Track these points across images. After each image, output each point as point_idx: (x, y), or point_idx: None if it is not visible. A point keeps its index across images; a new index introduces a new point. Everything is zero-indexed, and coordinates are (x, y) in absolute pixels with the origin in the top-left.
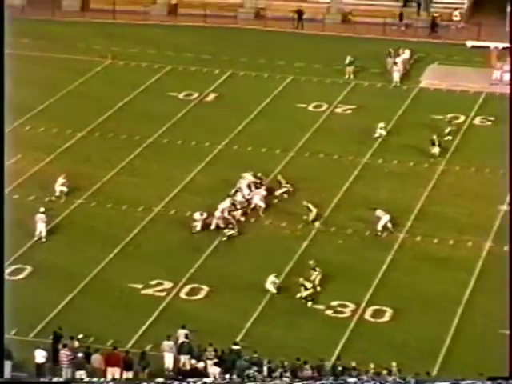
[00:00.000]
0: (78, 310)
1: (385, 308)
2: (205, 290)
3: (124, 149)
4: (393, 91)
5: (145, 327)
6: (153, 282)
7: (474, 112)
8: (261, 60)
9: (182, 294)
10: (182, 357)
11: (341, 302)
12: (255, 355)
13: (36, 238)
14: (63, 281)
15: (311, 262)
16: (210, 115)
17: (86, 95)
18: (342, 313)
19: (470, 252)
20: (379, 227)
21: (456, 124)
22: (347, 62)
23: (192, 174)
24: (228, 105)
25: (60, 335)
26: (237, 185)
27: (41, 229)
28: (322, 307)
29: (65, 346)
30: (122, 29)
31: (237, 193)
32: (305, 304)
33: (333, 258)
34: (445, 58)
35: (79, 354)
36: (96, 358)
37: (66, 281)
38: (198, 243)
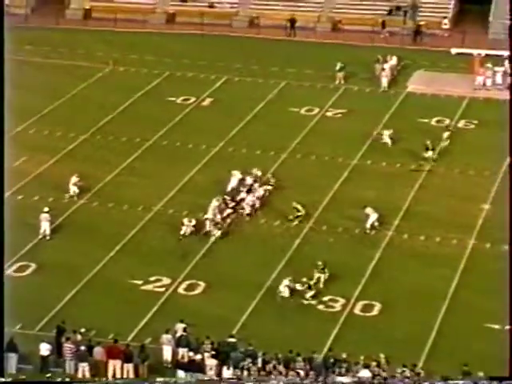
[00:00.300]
0: (81, 305)
1: (374, 303)
2: (202, 285)
3: (124, 151)
4: (381, 96)
5: (144, 321)
6: (152, 278)
7: (458, 116)
8: (255, 66)
9: (180, 290)
10: (180, 349)
11: (332, 297)
12: (250, 347)
13: (40, 237)
14: (66, 277)
15: (319, 262)
16: (206, 119)
17: (88, 100)
18: (333, 307)
19: (455, 249)
20: (368, 225)
21: (453, 129)
22: (337, 68)
23: (189, 174)
24: (223, 109)
25: (63, 329)
26: (230, 182)
27: (45, 227)
28: (313, 302)
29: (68, 339)
30: (122, 36)
31: (235, 191)
32: (301, 301)
33: (324, 256)
34: (430, 65)
35: (82, 347)
36: (98, 350)
37: (69, 277)
38: (195, 242)
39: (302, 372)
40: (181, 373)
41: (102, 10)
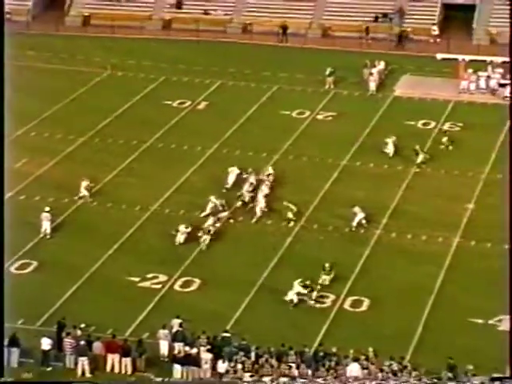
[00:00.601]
0: (81, 301)
1: (363, 298)
2: (197, 282)
3: (122, 153)
4: (369, 99)
5: (142, 317)
6: (149, 276)
7: (443, 118)
8: (248, 71)
9: (176, 287)
10: (176, 344)
11: (322, 293)
12: (244, 342)
13: (41, 235)
14: (66, 274)
15: (327, 264)
16: (201, 122)
17: (87, 103)
18: (324, 303)
19: (441, 247)
20: (354, 223)
21: (451, 133)
22: (327, 73)
23: (185, 175)
24: (218, 112)
25: (63, 324)
26: (229, 178)
27: (46, 227)
28: (304, 298)
29: (68, 334)
30: (120, 42)
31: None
32: (308, 303)
33: (315, 253)
34: (417, 69)
35: (81, 342)
36: (97, 345)
37: (69, 274)
38: (190, 240)
39: (293, 365)
40: (177, 366)
41: (100, 17)
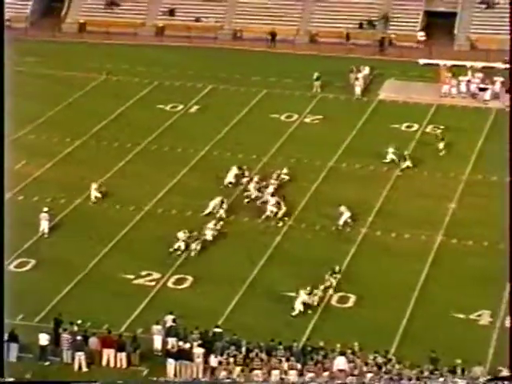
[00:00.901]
0: (77, 298)
1: (349, 295)
2: (189, 280)
3: (117, 155)
4: (355, 103)
5: (136, 313)
6: (143, 273)
7: (426, 121)
8: (238, 76)
9: (170, 284)
10: (169, 339)
11: (310, 290)
12: (235, 337)
13: (39, 234)
14: (63, 272)
15: (337, 267)
16: (193, 125)
17: (83, 107)
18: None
19: (424, 245)
20: (341, 222)
21: (444, 138)
22: (314, 78)
23: (178, 177)
24: (209, 115)
25: (60, 320)
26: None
27: (44, 226)
28: (293, 294)
29: (65, 330)
30: (115, 48)
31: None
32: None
33: (303, 251)
34: (400, 74)
35: (78, 337)
36: (93, 340)
37: (66, 272)
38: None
39: (283, 359)
40: (170, 361)
41: (95, 24)
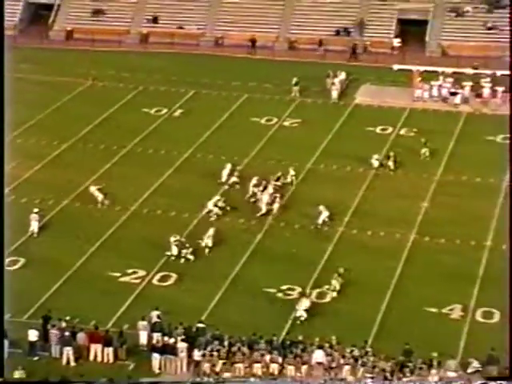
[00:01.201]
0: (65, 295)
1: (327, 290)
2: (173, 277)
3: (103, 157)
4: (332, 107)
5: (122, 309)
6: (129, 271)
7: (400, 124)
8: (220, 81)
9: (154, 281)
10: (154, 334)
11: (289, 286)
12: (217, 332)
13: (29, 234)
14: (52, 270)
15: (341, 269)
16: (177, 128)
17: (70, 111)
18: (291, 295)
19: (398, 242)
20: (319, 221)
21: (429, 143)
22: (293, 83)
23: (162, 178)
24: (192, 119)
25: (49, 317)
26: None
27: (34, 227)
28: (273, 290)
29: (54, 326)
30: (100, 55)
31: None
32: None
33: (282, 249)
34: (375, 79)
35: (66, 333)
36: (81, 336)
37: (54, 270)
38: (167, 238)
39: (264, 352)
40: (155, 355)
41: (82, 32)
